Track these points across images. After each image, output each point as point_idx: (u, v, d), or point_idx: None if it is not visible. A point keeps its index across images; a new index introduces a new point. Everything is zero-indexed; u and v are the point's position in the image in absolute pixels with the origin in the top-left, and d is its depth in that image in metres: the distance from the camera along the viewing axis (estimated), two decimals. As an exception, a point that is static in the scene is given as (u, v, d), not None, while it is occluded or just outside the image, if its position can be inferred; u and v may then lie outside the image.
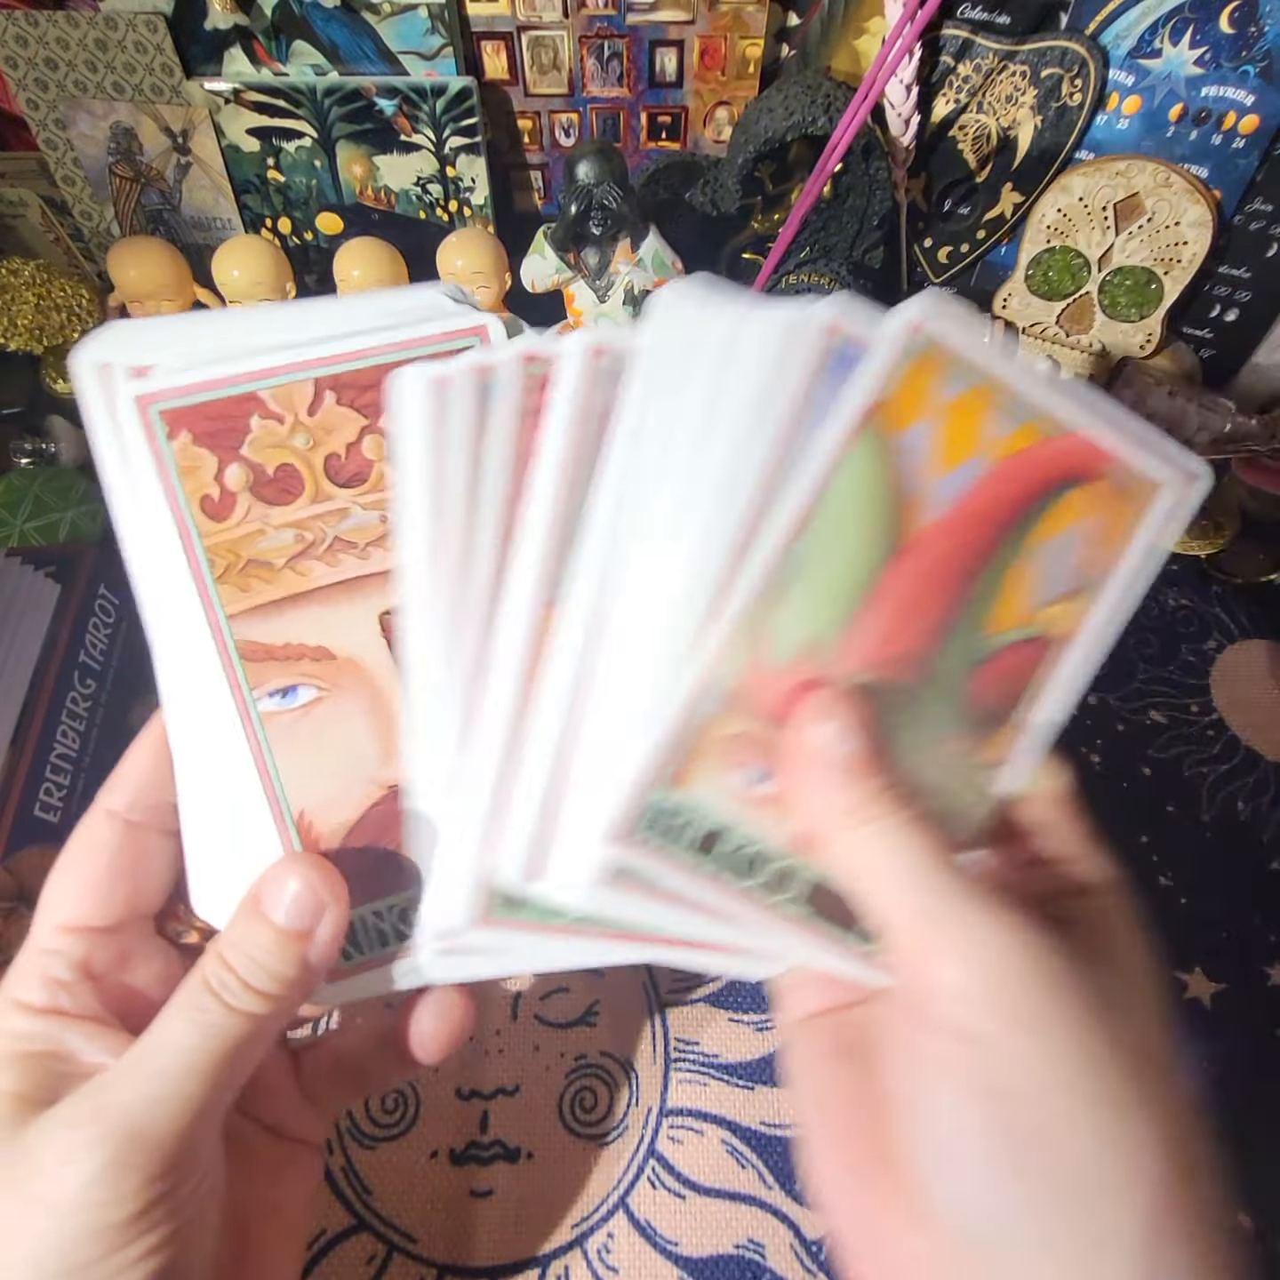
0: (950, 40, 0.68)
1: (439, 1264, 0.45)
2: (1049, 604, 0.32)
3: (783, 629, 0.30)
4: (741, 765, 0.31)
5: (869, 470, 0.30)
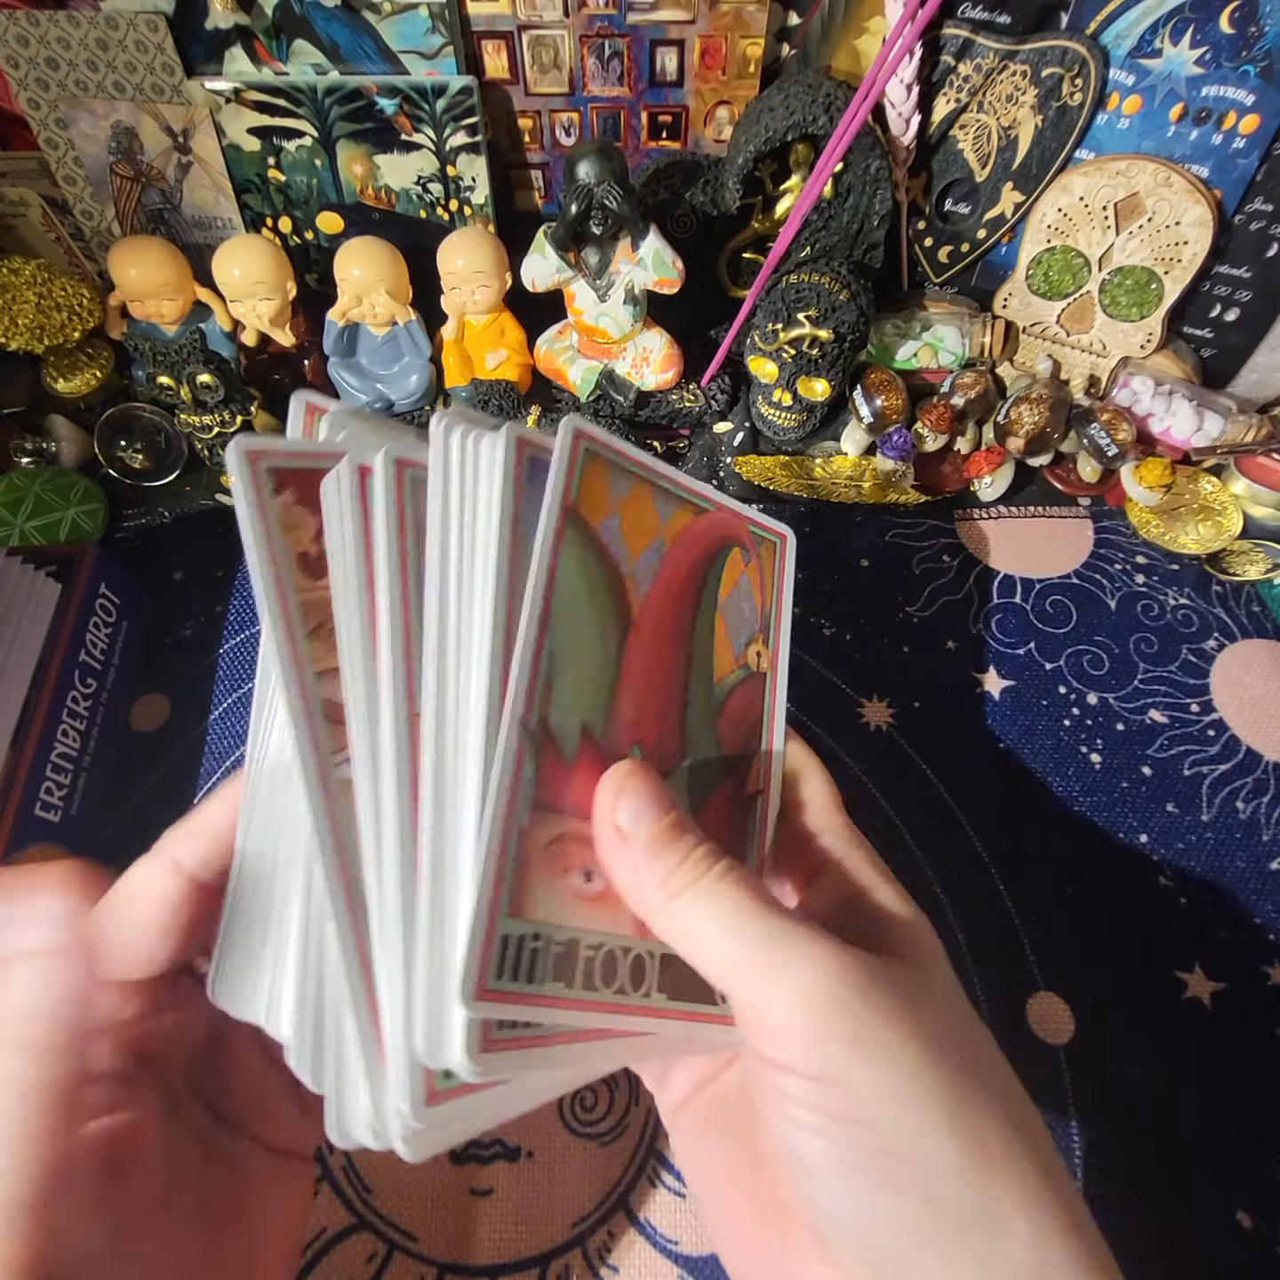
0: (951, 40, 0.68)
1: (439, 1263, 0.45)
2: (746, 646, 0.38)
3: (560, 724, 0.31)
4: (567, 869, 0.30)
5: (585, 559, 0.32)
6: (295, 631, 0.31)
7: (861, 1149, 0.27)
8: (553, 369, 0.76)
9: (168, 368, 0.65)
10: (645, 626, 0.34)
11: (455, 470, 0.32)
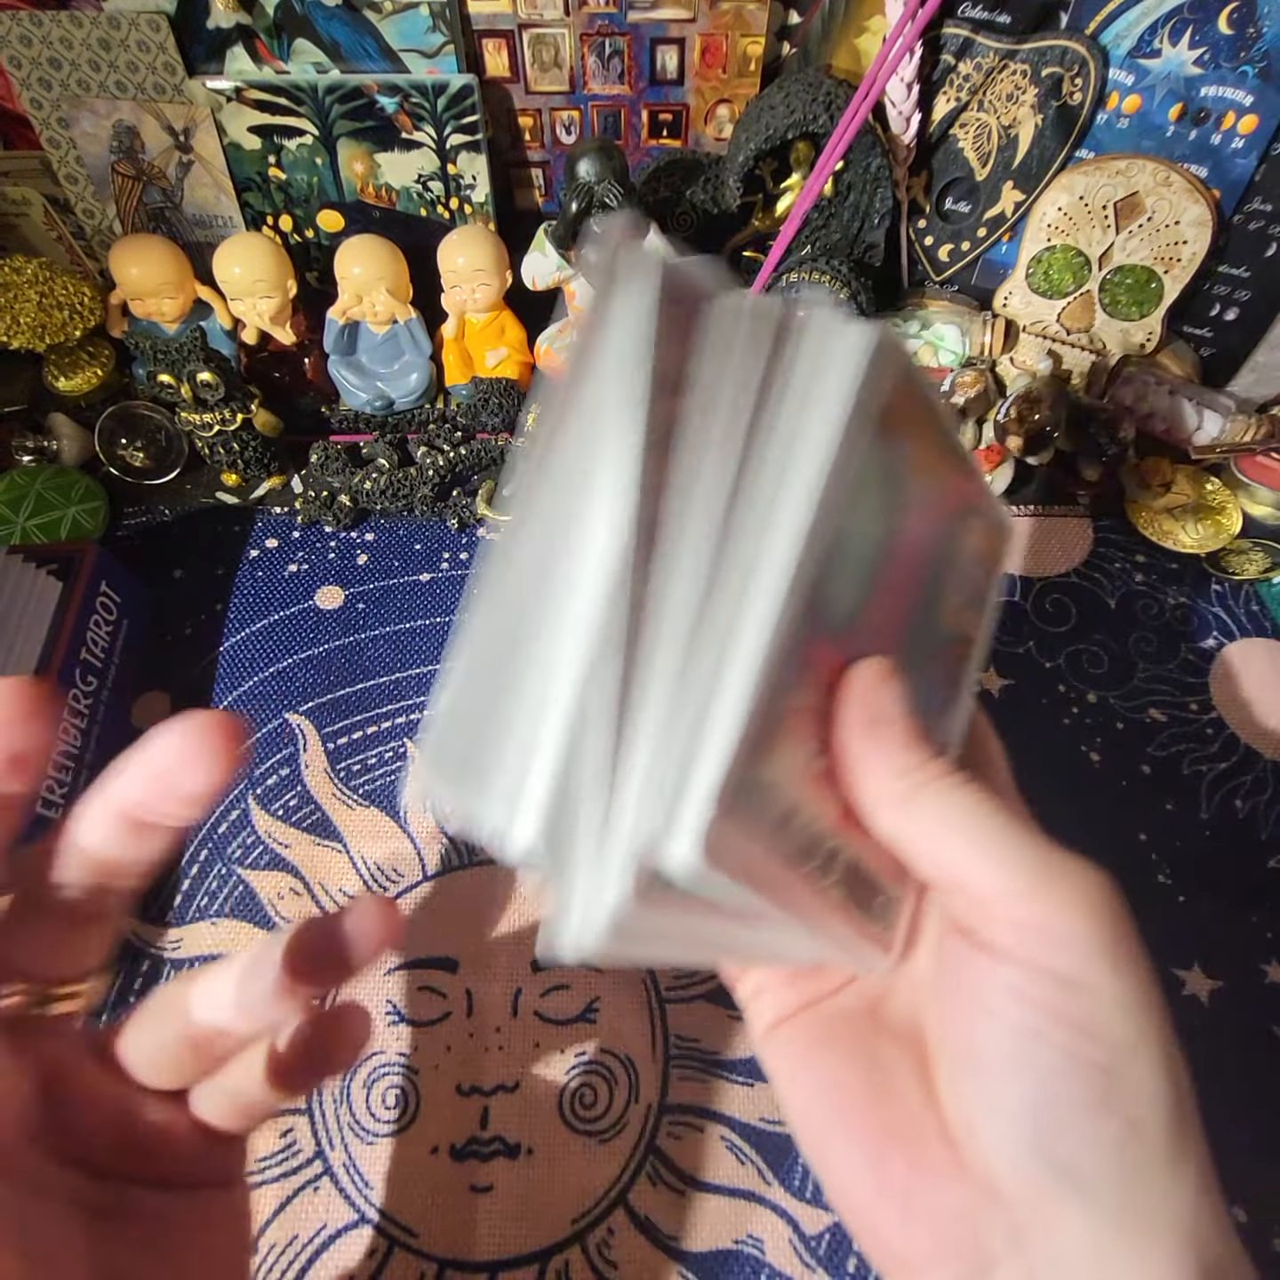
0: (951, 39, 0.68)
1: (439, 1258, 0.46)
2: (959, 609, 0.38)
3: (835, 594, 0.30)
4: (803, 741, 0.30)
5: (887, 457, 0.31)
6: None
7: (1088, 1064, 0.26)
8: (553, 367, 0.77)
9: (168, 366, 0.65)
10: (910, 546, 0.33)
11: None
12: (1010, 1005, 0.28)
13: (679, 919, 0.28)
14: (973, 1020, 0.29)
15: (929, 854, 0.30)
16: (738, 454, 0.29)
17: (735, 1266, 0.46)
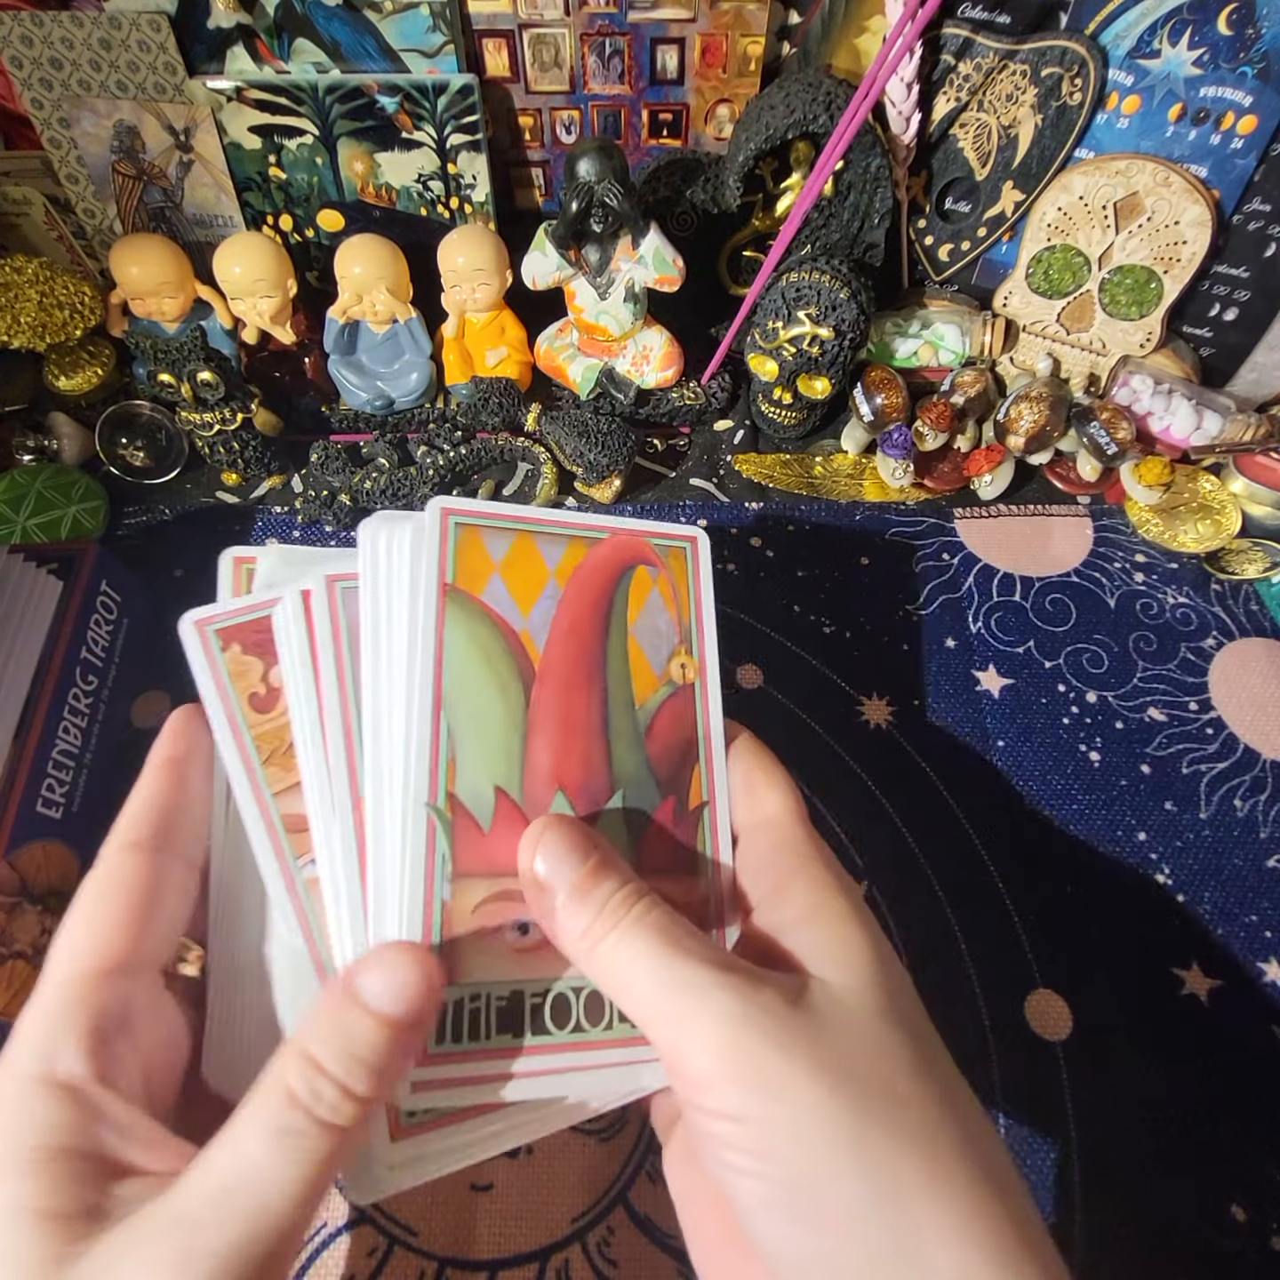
0: (951, 39, 0.68)
1: (439, 1257, 0.46)
2: (668, 661, 0.39)
3: (471, 792, 0.33)
4: (500, 928, 0.32)
5: (472, 630, 0.35)
6: (252, 762, 0.35)
7: (774, 1185, 0.27)
8: (553, 367, 0.77)
9: (168, 365, 0.65)
10: (550, 675, 0.36)
11: (375, 568, 0.36)
12: (715, 1149, 0.28)
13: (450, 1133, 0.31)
14: (708, 1165, 0.29)
15: (621, 1007, 0.32)
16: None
17: (735, 1265, 0.46)
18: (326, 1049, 0.27)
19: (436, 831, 0.32)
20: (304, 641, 0.35)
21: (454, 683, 0.34)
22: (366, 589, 0.35)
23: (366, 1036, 0.27)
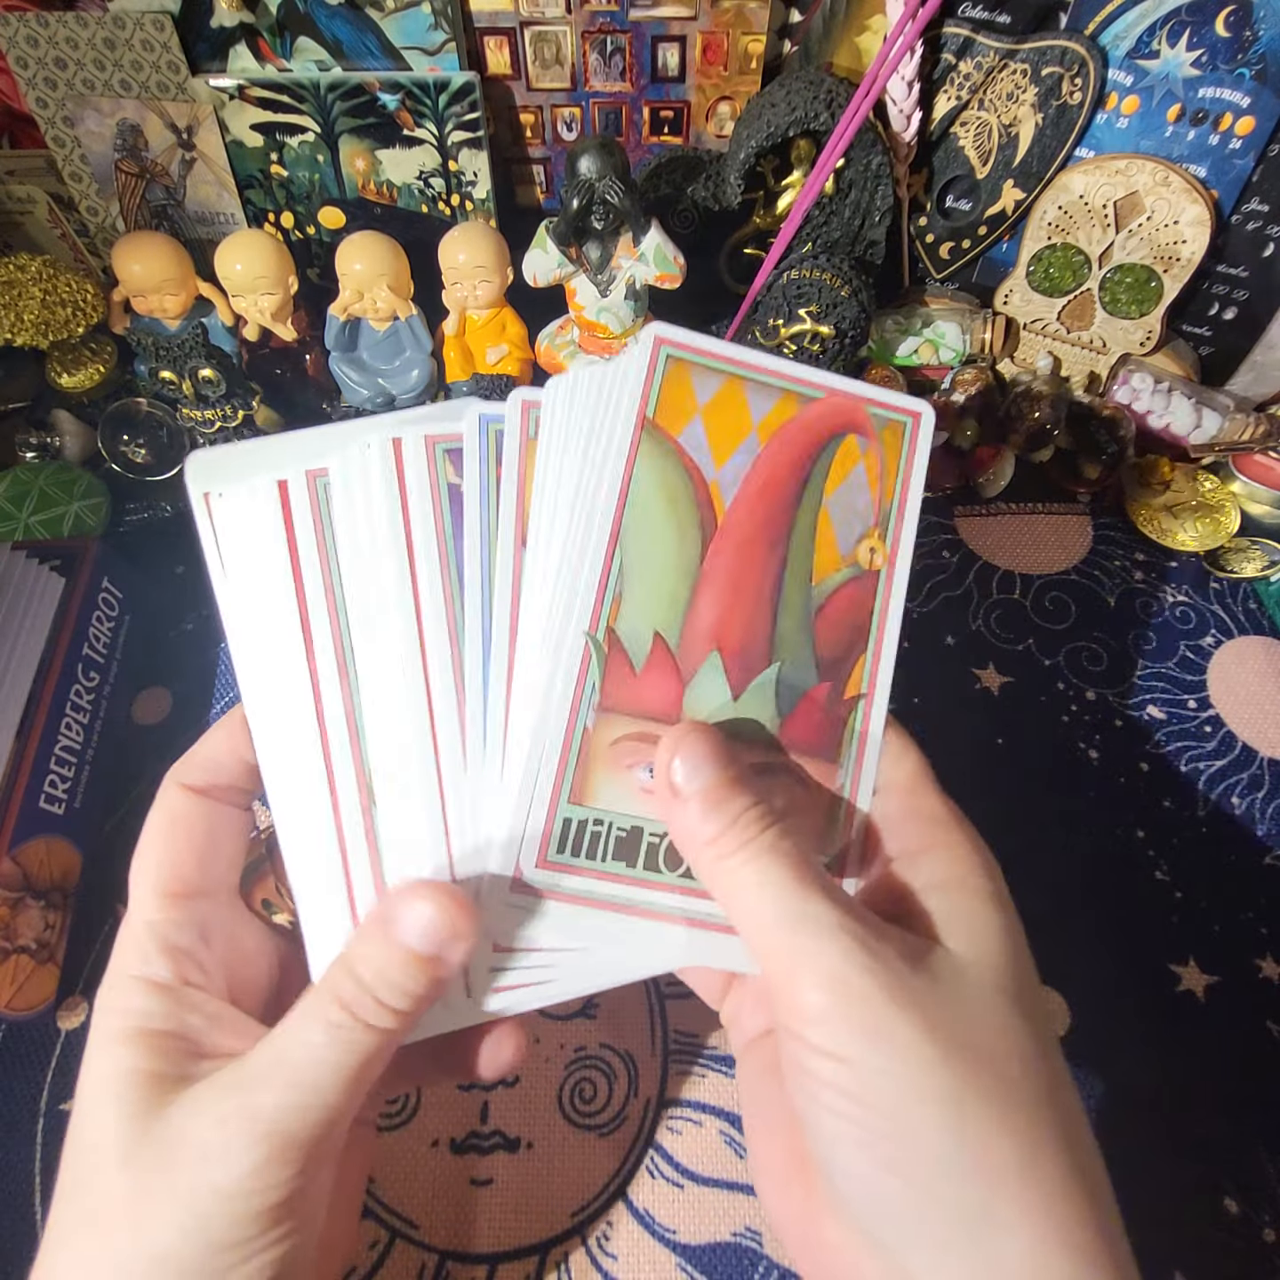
0: (951, 38, 0.68)
1: (440, 1250, 0.46)
2: (856, 543, 0.37)
3: (630, 631, 0.33)
4: (632, 766, 0.33)
5: (662, 470, 0.34)
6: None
7: (867, 1130, 0.27)
8: (553, 364, 0.77)
9: (170, 363, 0.65)
10: (731, 531, 0.35)
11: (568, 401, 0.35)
12: (808, 1082, 0.29)
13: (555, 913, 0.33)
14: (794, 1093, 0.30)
15: (734, 921, 0.32)
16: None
17: (733, 1259, 0.46)
18: (367, 969, 0.30)
19: (591, 661, 0.33)
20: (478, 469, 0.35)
21: (634, 521, 0.34)
22: (556, 422, 0.35)
23: (397, 964, 0.30)
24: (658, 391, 0.34)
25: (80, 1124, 0.30)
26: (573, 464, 0.34)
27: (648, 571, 0.34)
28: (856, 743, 0.36)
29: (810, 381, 0.36)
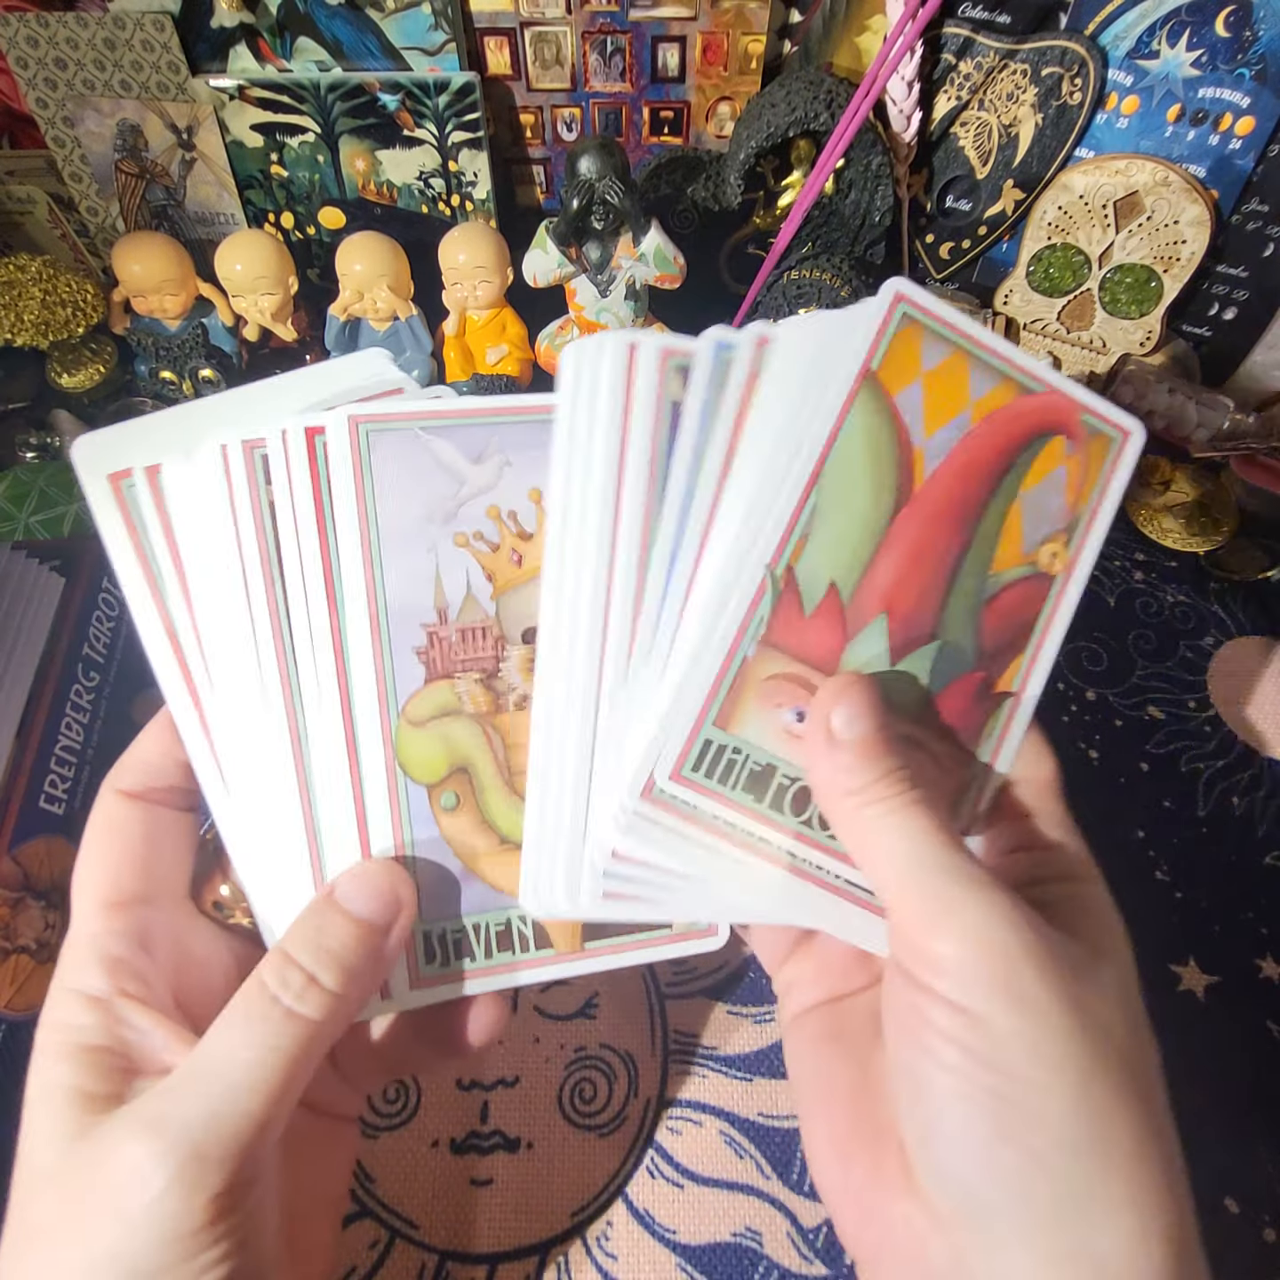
0: (951, 38, 0.68)
1: (440, 1250, 0.46)
2: (1040, 544, 0.36)
3: (809, 575, 0.33)
4: (781, 705, 0.33)
5: (872, 425, 0.34)
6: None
7: (988, 1093, 0.27)
8: (553, 364, 0.77)
9: (170, 363, 0.65)
10: (925, 501, 0.35)
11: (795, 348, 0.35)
12: (927, 1035, 0.28)
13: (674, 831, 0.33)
14: (904, 1047, 0.30)
15: (866, 872, 0.32)
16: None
17: (733, 1259, 0.46)
18: (298, 942, 0.30)
19: (765, 594, 0.33)
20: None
21: (835, 467, 0.33)
22: (780, 360, 0.35)
23: (335, 931, 0.30)
24: (886, 346, 0.34)
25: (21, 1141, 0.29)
26: (788, 402, 0.34)
27: (838, 520, 0.34)
28: (996, 737, 0.36)
29: (1034, 374, 0.36)
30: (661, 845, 0.33)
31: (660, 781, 0.32)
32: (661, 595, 0.34)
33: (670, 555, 0.34)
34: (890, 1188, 0.30)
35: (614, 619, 0.34)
